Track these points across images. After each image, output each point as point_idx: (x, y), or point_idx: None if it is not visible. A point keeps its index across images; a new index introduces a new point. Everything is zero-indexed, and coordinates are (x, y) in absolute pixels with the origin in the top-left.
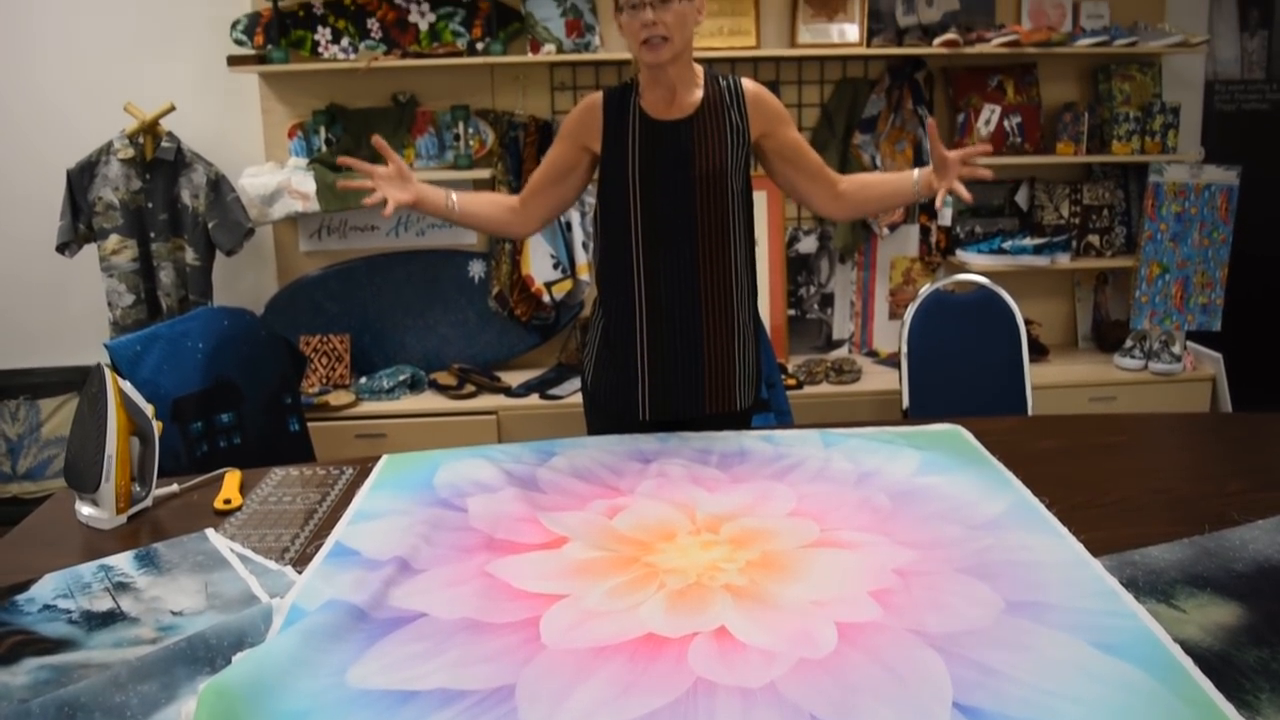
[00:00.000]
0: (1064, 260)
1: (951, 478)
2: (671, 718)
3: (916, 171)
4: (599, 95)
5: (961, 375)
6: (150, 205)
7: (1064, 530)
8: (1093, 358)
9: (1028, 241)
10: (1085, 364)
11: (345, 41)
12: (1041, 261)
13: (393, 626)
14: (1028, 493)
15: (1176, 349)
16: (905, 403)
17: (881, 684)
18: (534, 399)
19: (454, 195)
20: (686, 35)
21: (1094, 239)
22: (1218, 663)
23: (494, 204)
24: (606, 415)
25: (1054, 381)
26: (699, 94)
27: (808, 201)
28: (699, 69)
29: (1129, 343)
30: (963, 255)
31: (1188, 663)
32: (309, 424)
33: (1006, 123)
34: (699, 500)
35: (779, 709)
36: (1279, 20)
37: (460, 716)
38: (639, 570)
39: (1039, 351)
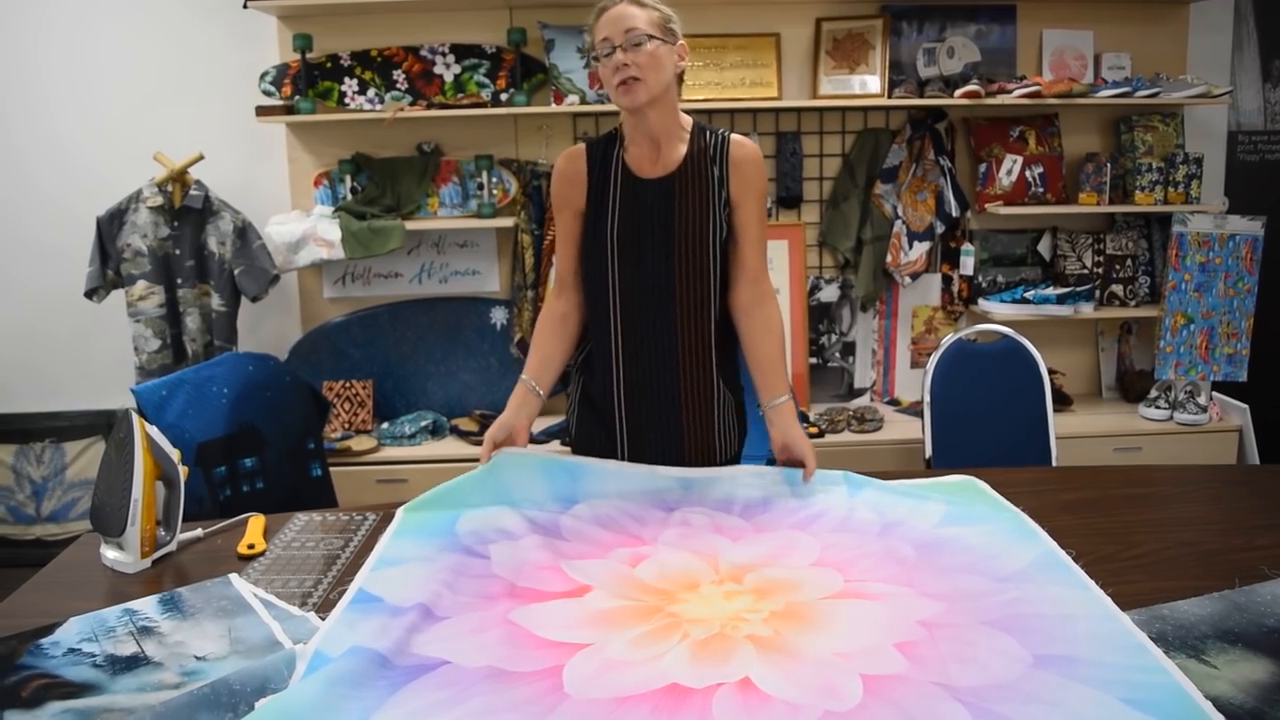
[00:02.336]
0: (1087, 310)
1: (976, 529)
2: None
3: (781, 399)
4: (579, 153)
5: (985, 425)
6: (177, 252)
7: (1091, 583)
8: (1117, 408)
9: (1051, 291)
10: (1109, 414)
11: (371, 92)
12: (1065, 311)
13: (415, 674)
14: (1053, 544)
15: (1202, 399)
16: (928, 452)
17: None
18: (555, 445)
19: (531, 382)
20: (663, 78)
21: (1117, 289)
22: None
23: (550, 336)
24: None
25: (1078, 432)
26: (683, 149)
27: (730, 291)
28: (687, 120)
29: (1154, 393)
30: (985, 305)
31: None
32: (331, 469)
33: (1028, 173)
34: (721, 549)
35: None
36: None
37: None
38: (662, 620)
39: (1063, 401)
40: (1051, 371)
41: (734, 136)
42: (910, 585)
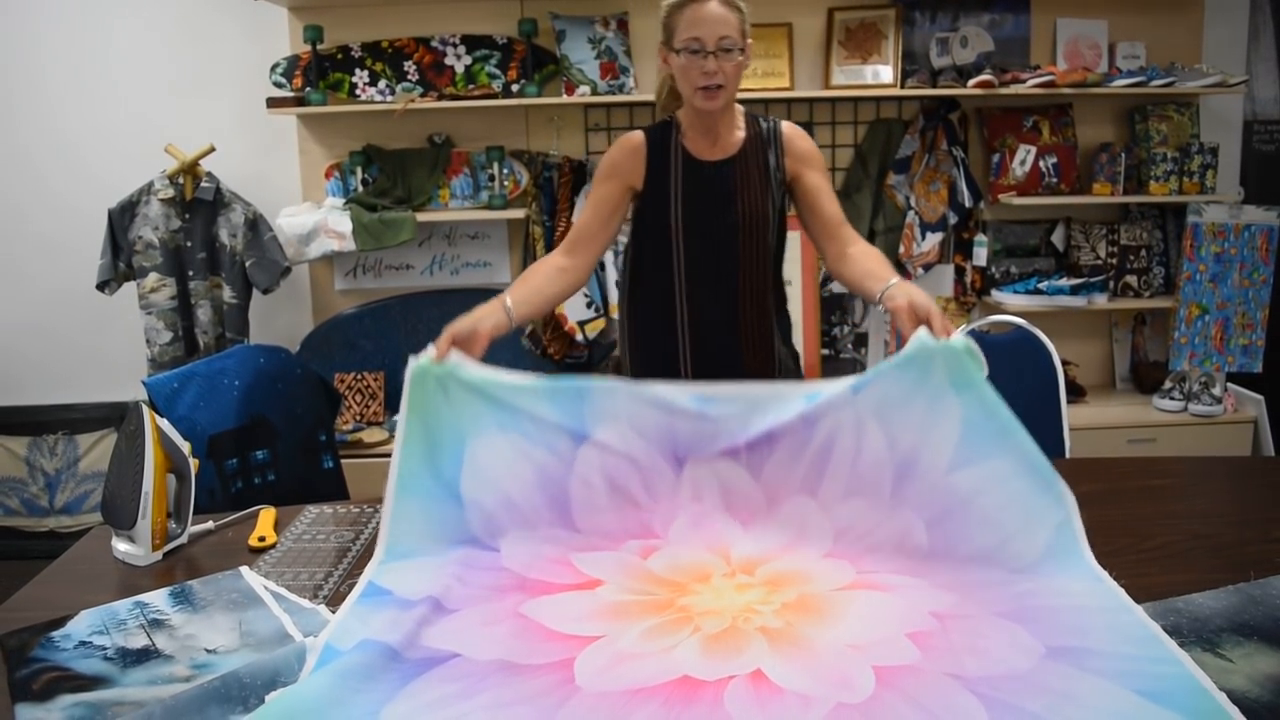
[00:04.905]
0: (1101, 301)
1: (990, 473)
2: None
3: (892, 282)
4: (640, 135)
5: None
6: (189, 244)
7: (1104, 574)
8: (1131, 399)
9: (1064, 282)
10: (1123, 405)
11: (382, 84)
12: (1078, 302)
13: (426, 667)
14: (1064, 489)
15: (1217, 390)
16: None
17: None
18: None
19: (507, 299)
20: (738, 84)
21: (1131, 280)
22: (1266, 714)
23: (543, 276)
24: None
25: (1092, 423)
26: (740, 135)
27: (820, 253)
28: (739, 109)
29: (1168, 384)
30: (998, 295)
31: (1235, 713)
32: (342, 461)
33: (1042, 163)
34: (733, 540)
35: None
36: None
37: None
38: (674, 613)
39: (1076, 393)
40: (1065, 363)
41: (783, 121)
42: (923, 576)
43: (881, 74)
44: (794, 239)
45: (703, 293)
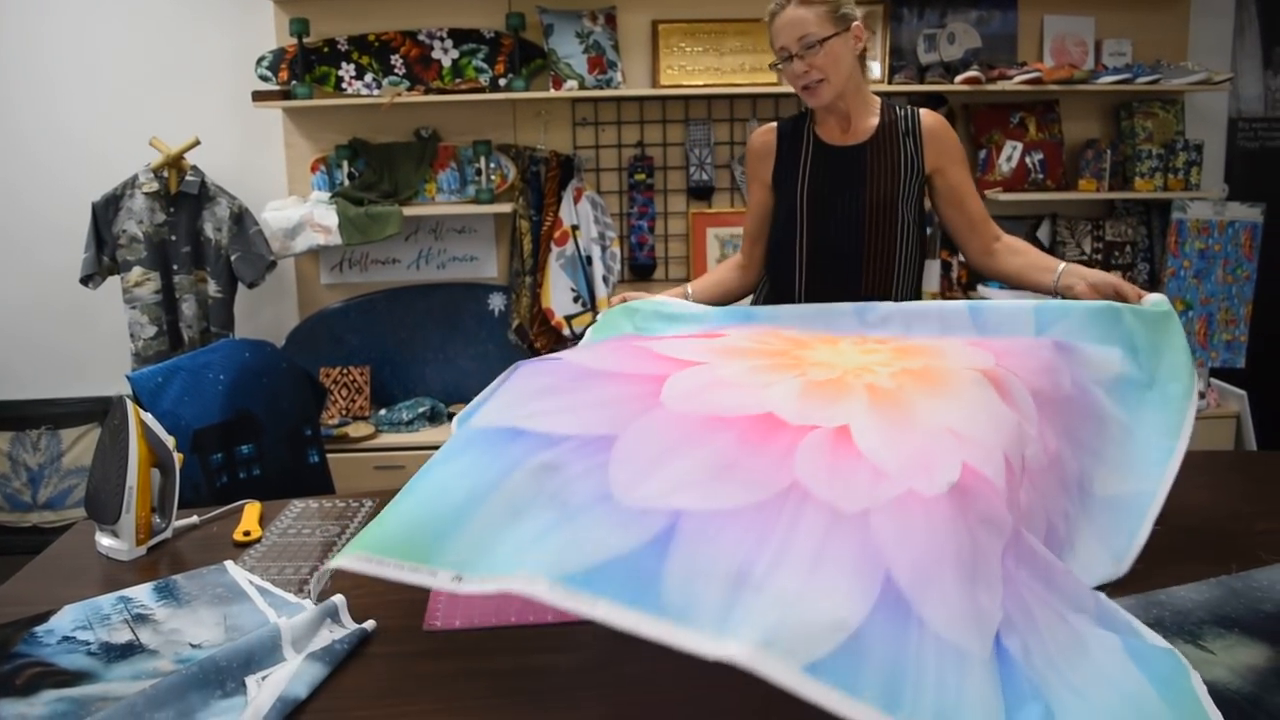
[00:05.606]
0: None
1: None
2: (752, 521)
3: (1060, 268)
4: (770, 129)
5: None
6: (173, 238)
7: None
8: None
9: None
10: None
11: (369, 77)
12: None
13: (527, 371)
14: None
15: (1200, 386)
16: None
17: (961, 559)
18: None
19: (688, 287)
20: (844, 70)
21: (1116, 275)
22: (1248, 706)
23: (724, 270)
24: None
25: None
26: (874, 121)
27: (963, 249)
28: (874, 97)
29: None
30: (984, 291)
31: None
32: (328, 455)
33: (1028, 159)
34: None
35: (858, 551)
36: None
37: (554, 460)
38: (786, 360)
39: None
40: None
41: (923, 110)
42: (1046, 415)
43: (870, 70)
44: None
45: (823, 278)
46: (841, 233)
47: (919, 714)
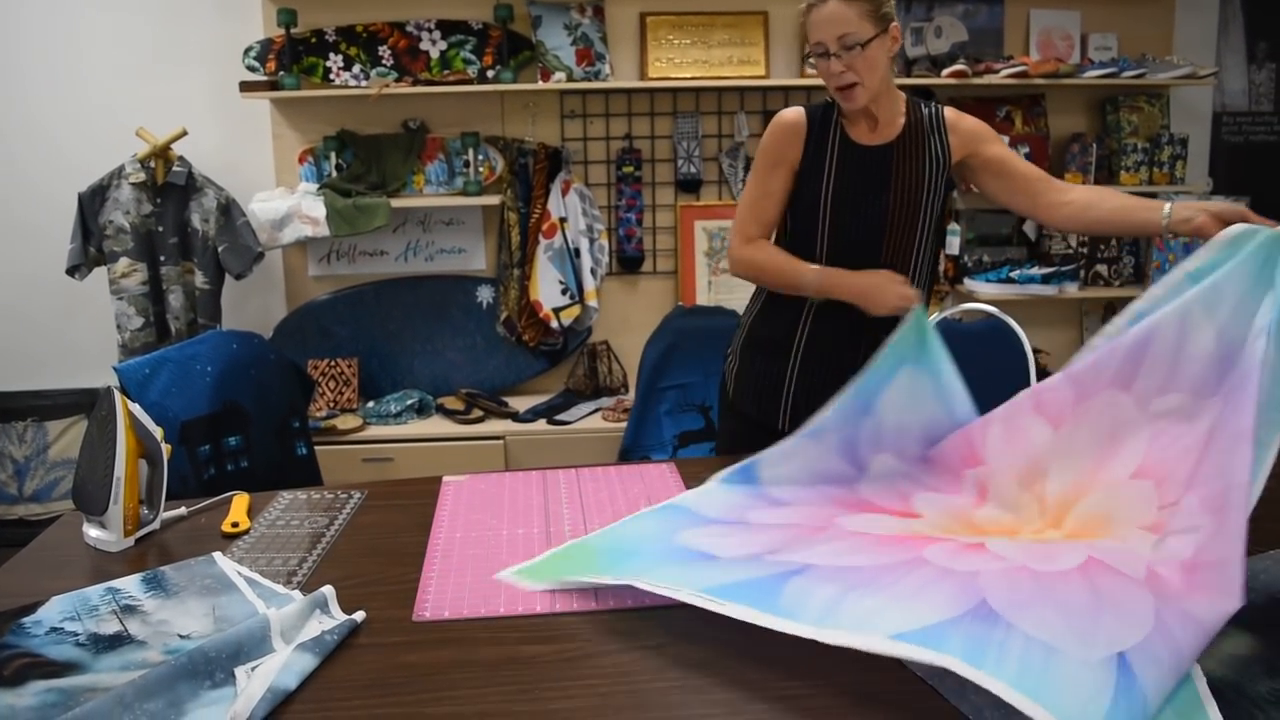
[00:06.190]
0: (1072, 289)
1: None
2: (868, 572)
3: (1168, 205)
4: (800, 113)
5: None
6: (160, 229)
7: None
8: None
9: (1036, 271)
10: None
11: (357, 68)
12: (1049, 291)
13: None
14: None
15: None
16: None
17: (1068, 601)
18: (541, 424)
19: (813, 267)
20: (879, 74)
21: (1102, 269)
22: (1231, 694)
23: (780, 249)
24: (743, 420)
25: None
26: (902, 121)
27: (1030, 213)
28: (900, 95)
29: None
30: (970, 284)
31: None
32: (316, 447)
33: (1015, 153)
34: (1046, 451)
35: (958, 588)
36: None
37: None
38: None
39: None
40: (1036, 350)
41: (946, 107)
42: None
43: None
44: None
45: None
46: (862, 232)
47: (1001, 675)
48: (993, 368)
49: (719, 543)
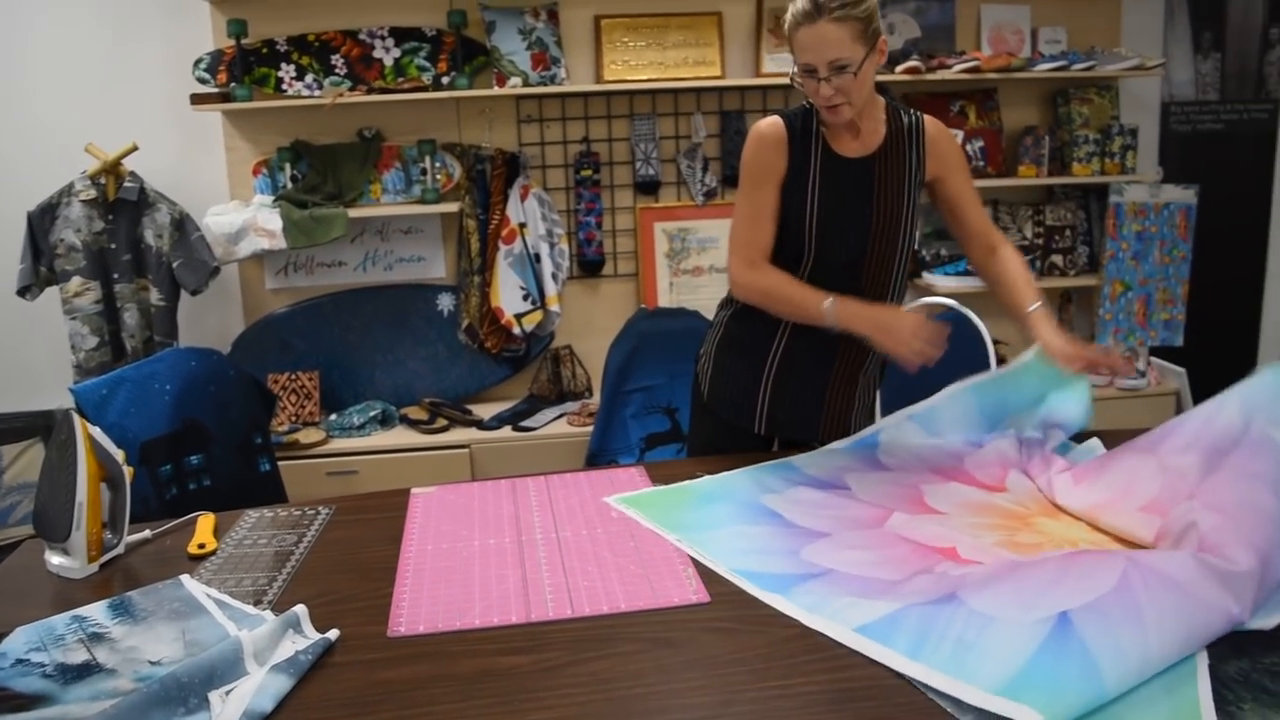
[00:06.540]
0: None
1: None
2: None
3: (1035, 306)
4: (779, 125)
5: (933, 393)
6: (113, 246)
7: None
8: None
9: None
10: None
11: (309, 78)
12: None
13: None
14: None
15: (1141, 364)
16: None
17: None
18: (507, 432)
19: (830, 297)
20: (866, 91)
21: (1057, 259)
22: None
23: (786, 274)
24: (717, 421)
25: None
26: (882, 130)
27: (962, 249)
28: (880, 102)
29: None
30: (929, 278)
31: (1203, 668)
32: (279, 463)
33: (969, 147)
34: (1062, 489)
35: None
36: (1231, 43)
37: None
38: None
39: None
40: (996, 341)
41: (926, 117)
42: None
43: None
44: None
45: (822, 288)
46: (847, 246)
47: (933, 662)
48: (954, 358)
49: (794, 509)
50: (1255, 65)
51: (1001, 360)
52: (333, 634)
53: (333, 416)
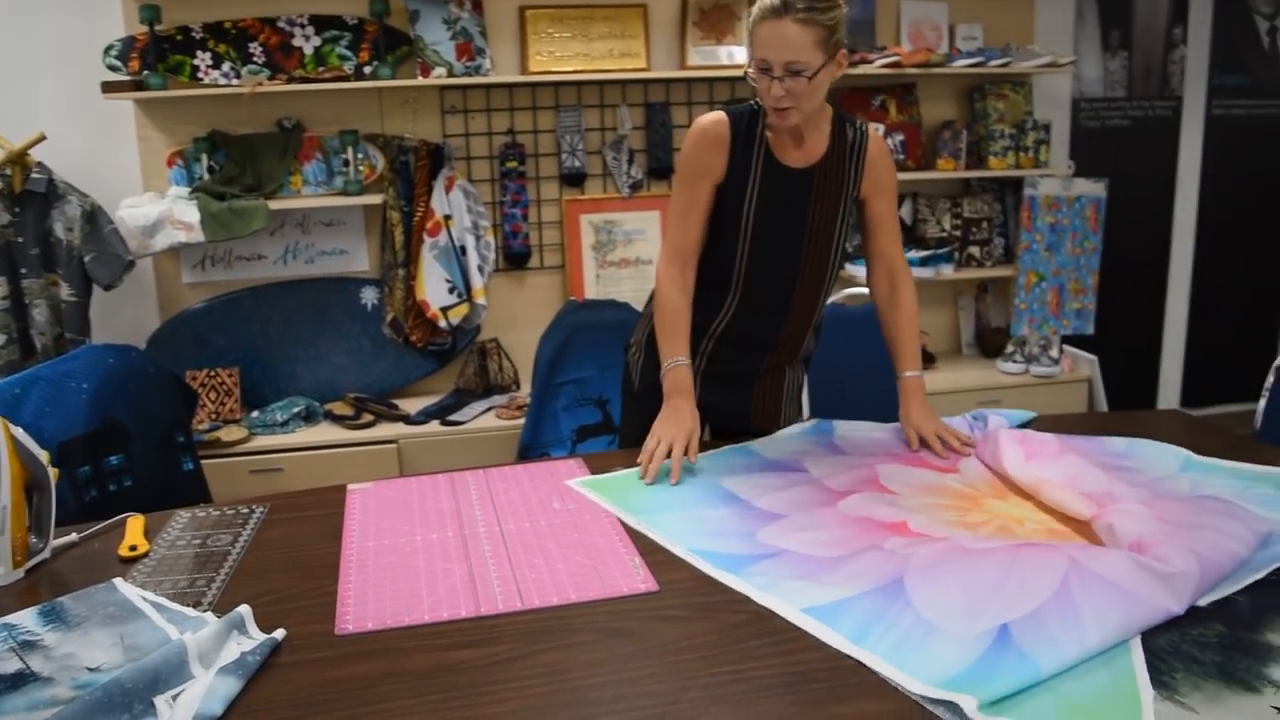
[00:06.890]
0: (948, 271)
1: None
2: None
3: (910, 374)
4: (722, 121)
5: (857, 384)
6: (20, 240)
7: None
8: (977, 364)
9: (913, 254)
10: (970, 370)
11: (226, 66)
12: (927, 273)
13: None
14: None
15: (1054, 353)
16: (806, 412)
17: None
18: (435, 426)
19: (681, 359)
20: (818, 99)
21: (974, 250)
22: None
23: (684, 314)
24: (648, 410)
25: (942, 388)
26: (825, 141)
27: (867, 270)
28: (828, 112)
29: (1010, 348)
30: (852, 269)
31: (1135, 640)
32: (202, 461)
33: (890, 140)
34: (1014, 463)
35: (884, 566)
36: (1138, 42)
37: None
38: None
39: (927, 360)
40: (923, 332)
41: (872, 135)
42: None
43: (736, 55)
44: (651, 218)
45: (754, 295)
46: (779, 258)
47: (878, 649)
48: (875, 349)
49: (752, 491)
50: (1160, 64)
51: (924, 350)
52: (279, 634)
53: (255, 414)
